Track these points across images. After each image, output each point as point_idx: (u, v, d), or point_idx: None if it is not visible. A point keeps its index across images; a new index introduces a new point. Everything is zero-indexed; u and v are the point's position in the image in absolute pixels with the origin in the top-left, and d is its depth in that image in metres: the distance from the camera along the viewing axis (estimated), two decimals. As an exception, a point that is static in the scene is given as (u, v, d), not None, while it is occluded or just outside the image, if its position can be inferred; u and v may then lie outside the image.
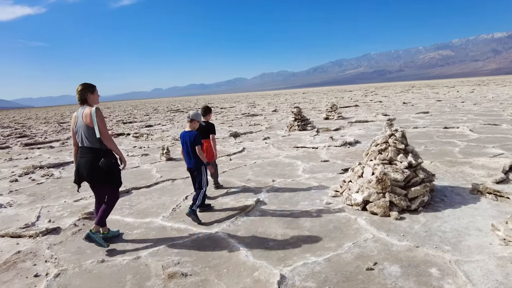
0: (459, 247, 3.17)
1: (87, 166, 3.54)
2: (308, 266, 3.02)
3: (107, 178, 3.61)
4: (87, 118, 3.53)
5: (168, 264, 3.25)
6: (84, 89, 3.64)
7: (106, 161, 3.50)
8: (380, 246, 3.30)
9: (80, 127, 3.58)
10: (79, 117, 3.60)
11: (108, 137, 3.58)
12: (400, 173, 4.18)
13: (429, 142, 8.58)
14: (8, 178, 7.44)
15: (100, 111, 3.63)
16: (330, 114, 16.25)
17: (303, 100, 39.30)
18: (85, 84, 3.68)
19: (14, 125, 29.06)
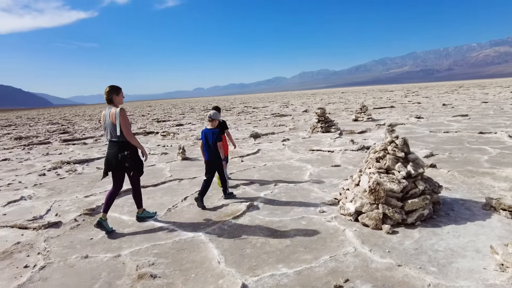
0: (446, 270, 2.88)
1: (114, 156, 4.12)
2: (275, 278, 2.91)
3: (130, 166, 4.17)
4: (112, 116, 4.10)
5: (143, 265, 3.31)
6: (110, 91, 4.17)
7: (129, 153, 4.11)
8: (358, 262, 3.10)
9: (108, 124, 4.16)
10: (107, 115, 4.17)
11: (129, 134, 4.14)
12: (396, 184, 3.89)
13: (457, 148, 7.92)
14: (38, 172, 8.07)
15: (124, 111, 4.15)
16: (360, 115, 15.64)
17: (338, 100, 38.29)
18: (112, 86, 4.22)
19: (62, 121, 31.51)
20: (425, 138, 9.60)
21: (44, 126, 26.15)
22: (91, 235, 4.15)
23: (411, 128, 11.86)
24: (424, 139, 9.44)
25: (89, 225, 4.49)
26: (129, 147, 4.16)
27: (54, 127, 24.19)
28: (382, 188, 3.83)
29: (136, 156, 4.24)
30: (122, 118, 4.06)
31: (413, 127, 12.17)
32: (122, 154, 4.10)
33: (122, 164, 4.13)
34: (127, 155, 4.11)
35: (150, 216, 4.59)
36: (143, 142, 12.69)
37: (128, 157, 4.12)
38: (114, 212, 4.91)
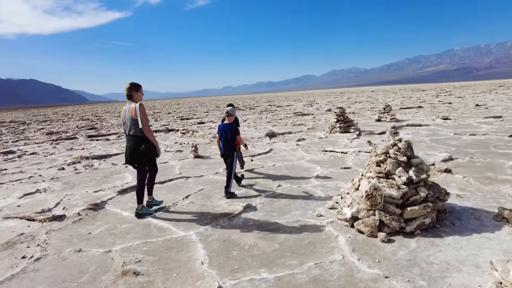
0: (436, 285, 2.68)
1: (131, 150, 4.42)
2: (254, 283, 2.84)
3: (145, 160, 4.45)
4: (132, 111, 4.36)
5: (130, 261, 3.36)
6: (130, 87, 4.44)
7: (145, 147, 4.35)
8: (344, 270, 2.96)
9: (127, 119, 4.43)
10: (127, 110, 4.45)
11: (147, 128, 4.38)
12: (395, 189, 3.68)
13: (480, 152, 7.41)
14: (58, 166, 8.47)
15: (143, 107, 4.39)
16: (383, 115, 15.09)
17: (366, 99, 37.18)
18: (132, 83, 4.48)
19: (92, 117, 32.99)
20: (447, 141, 9.07)
21: (75, 122, 27.52)
22: (90, 229, 4.28)
23: (435, 130, 11.26)
24: (447, 142, 8.92)
25: (91, 219, 4.64)
26: (146, 141, 4.41)
27: (84, 123, 25.37)
28: (380, 193, 3.63)
29: (151, 151, 4.43)
30: (141, 113, 4.33)
31: (438, 128, 11.55)
32: (136, 145, 4.37)
33: (136, 157, 4.41)
34: (150, 146, 4.40)
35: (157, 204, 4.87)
36: (162, 140, 12.99)
37: (143, 151, 4.36)
38: (116, 208, 5.04)
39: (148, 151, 4.38)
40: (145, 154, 4.37)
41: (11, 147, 13.13)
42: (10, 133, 19.93)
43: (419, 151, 7.96)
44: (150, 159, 4.52)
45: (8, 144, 14.15)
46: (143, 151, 4.34)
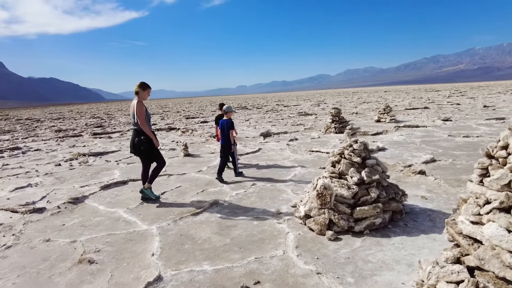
0: (362, 282, 2.79)
1: (131, 141, 4.99)
2: (192, 274, 3.03)
3: (143, 152, 4.94)
4: (133, 108, 4.90)
5: (90, 251, 3.60)
6: (139, 86, 4.95)
7: (138, 140, 4.86)
8: (280, 266, 3.10)
9: (131, 113, 4.97)
10: (131, 106, 4.98)
11: (142, 123, 4.83)
12: (346, 189, 3.79)
13: (467, 154, 7.36)
14: (55, 162, 8.88)
15: (140, 104, 4.87)
16: (382, 116, 14.99)
17: (376, 99, 36.73)
18: (141, 83, 4.99)
19: (103, 115, 33.89)
20: (438, 143, 9.00)
21: (86, 120, 28.35)
22: (64, 221, 4.56)
23: (431, 131, 11.15)
24: (437, 143, 8.87)
25: (68, 212, 4.92)
26: (142, 135, 4.88)
27: (94, 121, 26.13)
28: (329, 193, 3.75)
29: (147, 144, 4.90)
30: (138, 109, 4.82)
31: (435, 130, 11.43)
32: (138, 138, 4.87)
33: (137, 147, 4.90)
34: (143, 140, 4.87)
35: (154, 197, 5.21)
36: (162, 138, 13.33)
37: (144, 142, 4.86)
38: (95, 202, 5.32)
39: (140, 144, 4.87)
40: (138, 146, 4.90)
41: (20, 143, 13.75)
42: (23, 130, 20.77)
43: (406, 152, 7.97)
44: (146, 151, 4.97)
45: (17, 141, 14.81)
46: (136, 144, 4.89)
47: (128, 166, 8.12)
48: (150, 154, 5.06)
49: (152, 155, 5.08)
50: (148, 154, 5.05)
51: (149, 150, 4.98)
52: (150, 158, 5.16)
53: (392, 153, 8.06)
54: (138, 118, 4.81)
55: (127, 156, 9.55)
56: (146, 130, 4.89)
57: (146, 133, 4.89)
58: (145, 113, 4.91)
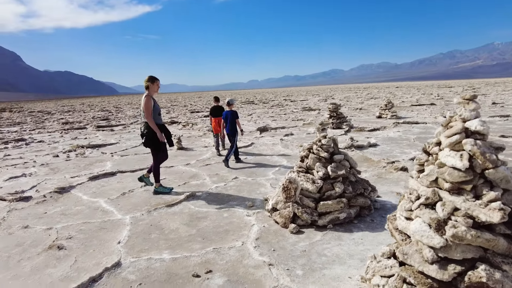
0: (310, 275, 2.84)
1: (140, 133, 5.26)
2: (151, 261, 3.15)
3: (150, 143, 5.10)
4: (141, 101, 5.13)
5: (62, 237, 3.77)
6: (147, 80, 5.09)
7: (146, 132, 5.05)
8: (236, 256, 3.19)
9: (140, 106, 5.13)
10: (141, 99, 5.21)
11: (148, 117, 4.98)
12: (311, 183, 3.84)
13: (456, 152, 7.26)
14: (54, 154, 9.16)
15: (147, 98, 4.99)
16: (384, 112, 14.83)
17: (385, 95, 36.17)
18: (149, 76, 5.13)
19: (112, 108, 34.46)
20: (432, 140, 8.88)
21: (95, 112, 28.91)
22: (47, 209, 4.75)
23: (430, 128, 11.00)
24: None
25: (53, 201, 5.12)
26: (148, 127, 5.03)
27: (102, 114, 26.63)
28: (294, 186, 3.81)
29: (152, 136, 5.04)
30: (144, 103, 4.99)
31: (433, 127, 11.27)
32: (142, 132, 5.10)
33: (144, 140, 5.11)
34: (146, 133, 5.03)
35: (165, 191, 5.27)
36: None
37: (148, 134, 5.01)
38: (80, 192, 5.51)
39: (148, 135, 5.04)
40: (143, 139, 5.11)
41: (26, 135, 14.18)
42: (33, 122, 21.35)
43: (397, 149, 7.92)
44: (148, 143, 5.11)
45: (25, 132, 15.27)
46: (144, 134, 5.10)
47: (121, 158, 8.32)
48: (152, 146, 5.15)
49: (155, 148, 5.16)
50: (148, 146, 5.16)
51: (151, 143, 5.09)
52: (153, 151, 5.24)
53: (383, 149, 8.02)
54: (144, 111, 5.00)
55: (123, 148, 9.77)
56: (151, 123, 5.02)
57: (151, 126, 5.02)
58: (152, 107, 5.02)
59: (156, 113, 5.10)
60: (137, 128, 15.28)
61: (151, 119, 5.01)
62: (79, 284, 2.78)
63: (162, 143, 5.15)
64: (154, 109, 5.06)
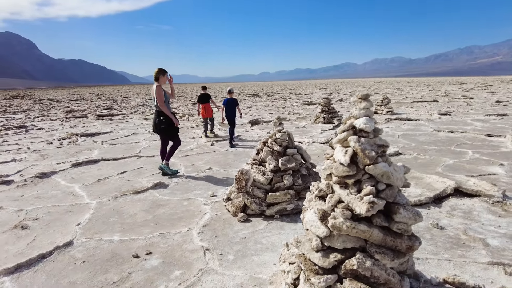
0: (239, 260, 3.03)
1: (153, 121, 5.75)
2: (100, 242, 3.40)
3: (163, 130, 5.65)
4: (153, 91, 5.59)
5: (29, 218, 4.06)
6: (158, 72, 5.61)
7: (160, 120, 5.59)
8: (179, 241, 3.42)
9: (152, 96, 5.66)
10: (151, 90, 5.72)
11: (162, 104, 5.51)
12: (261, 175, 4.02)
13: (437, 150, 7.31)
14: (49, 141, 9.53)
15: (159, 87, 5.57)
16: (379, 108, 14.78)
17: (392, 91, 35.73)
18: (160, 68, 5.65)
19: (119, 98, 35.02)
20: (418, 137, 8.92)
21: (101, 101, 29.47)
22: (24, 193, 5.06)
23: (420, 125, 10.99)
24: (416, 137, 8.79)
25: (32, 185, 5.43)
26: (163, 115, 5.58)
27: (107, 103, 27.15)
28: (245, 178, 4.00)
29: (167, 123, 5.60)
30: (157, 92, 5.50)
31: (424, 124, 11.24)
32: (158, 119, 5.58)
33: (158, 126, 5.62)
34: (163, 120, 5.58)
35: (168, 172, 5.73)
36: (157, 121, 13.82)
37: (164, 121, 5.57)
38: (60, 178, 5.81)
39: (161, 123, 5.58)
40: (158, 125, 5.61)
41: (29, 122, 14.68)
42: (39, 109, 21.96)
43: (377, 145, 7.98)
44: (166, 130, 5.64)
45: (29, 120, 15.79)
46: (157, 123, 5.63)
47: (110, 147, 8.63)
48: (169, 133, 5.71)
49: (171, 133, 5.74)
50: (167, 133, 5.70)
51: (168, 129, 5.66)
52: (169, 137, 5.80)
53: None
54: (157, 100, 5.48)
55: (115, 137, 10.09)
56: (165, 110, 5.55)
57: (166, 113, 5.56)
58: (163, 96, 5.54)
59: (166, 101, 5.63)
60: (135, 118, 15.62)
61: (165, 106, 5.56)
62: (28, 259, 3.05)
63: (176, 128, 5.75)
64: (165, 98, 5.60)
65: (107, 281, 2.76)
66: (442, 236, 3.39)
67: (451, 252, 3.08)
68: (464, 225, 3.62)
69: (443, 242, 3.28)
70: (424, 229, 3.56)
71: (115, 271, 2.91)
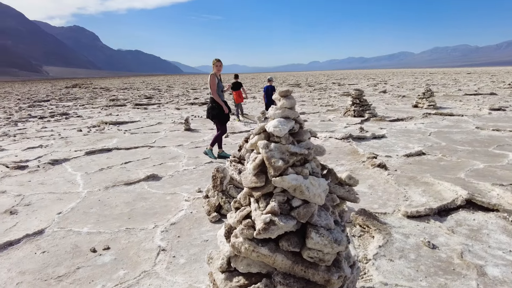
0: (190, 265, 2.86)
1: (207, 108, 6.28)
2: (69, 233, 3.45)
3: (215, 116, 6.11)
4: (207, 79, 6.06)
5: (23, 204, 4.26)
6: (214, 61, 6.06)
7: (212, 106, 6.07)
8: (140, 238, 3.33)
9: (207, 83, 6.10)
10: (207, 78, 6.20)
11: (214, 92, 5.96)
12: (238, 174, 3.78)
13: (468, 151, 6.41)
14: (79, 128, 10.14)
15: (212, 76, 5.97)
16: (421, 101, 13.50)
17: (446, 82, 32.66)
18: (216, 59, 6.10)
19: (164, 87, 36.46)
20: (453, 135, 7.94)
21: (146, 91, 30.92)
22: (32, 178, 5.37)
23: (461, 121, 9.80)
24: (451, 136, 7.83)
25: (43, 171, 5.76)
26: (215, 102, 6.01)
27: (150, 92, 28.38)
28: (220, 175, 3.79)
29: (217, 110, 6.03)
30: (210, 81, 5.97)
31: (468, 120, 10.00)
32: (211, 105, 6.04)
33: (209, 113, 6.12)
34: (215, 106, 6.01)
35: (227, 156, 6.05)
36: (187, 112, 14.09)
37: (215, 108, 6.01)
38: (70, 165, 6.10)
39: (212, 110, 6.04)
40: (210, 112, 6.08)
41: (73, 110, 15.83)
42: (88, 98, 23.65)
43: (401, 143, 7.27)
44: (216, 117, 6.07)
45: (74, 108, 17.05)
46: (209, 110, 6.10)
47: (130, 136, 8.92)
48: (219, 119, 6.09)
49: (220, 120, 6.11)
50: (217, 119, 6.09)
51: (218, 115, 6.06)
52: (217, 123, 6.22)
53: (386, 142, 7.41)
54: (211, 88, 5.91)
55: (140, 126, 10.44)
56: (216, 98, 5.98)
57: (217, 101, 5.97)
58: (216, 84, 5.95)
59: (219, 90, 6.01)
60: (168, 108, 16.08)
61: (216, 94, 5.93)
62: (-6, 245, 3.18)
63: (225, 117, 6.09)
64: (218, 86, 5.96)
65: (54, 274, 2.77)
66: (430, 258, 2.89)
67: (431, 279, 2.60)
68: (464, 246, 3.06)
69: (427, 265, 2.79)
70: (411, 246, 3.08)
71: (67, 264, 2.91)
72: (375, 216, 3.55)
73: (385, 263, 2.81)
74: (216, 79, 5.95)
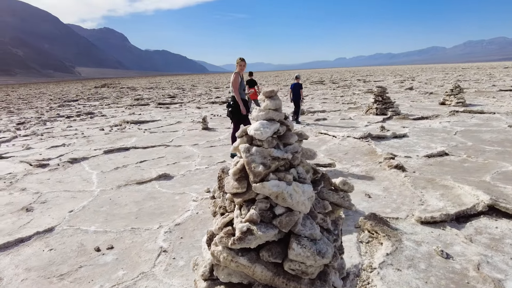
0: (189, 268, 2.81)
1: (227, 105, 6.26)
2: (77, 231, 3.52)
3: (234, 115, 6.07)
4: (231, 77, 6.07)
5: (38, 201, 4.42)
6: (238, 61, 6.01)
7: (233, 104, 6.05)
8: (144, 239, 3.34)
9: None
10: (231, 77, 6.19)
11: (235, 91, 5.97)
12: (243, 176, 3.70)
13: (497, 152, 5.99)
14: (102, 127, 10.47)
15: (235, 75, 5.99)
16: (448, 98, 12.83)
17: (481, 78, 30.90)
18: (240, 58, 6.03)
19: (188, 86, 37.04)
20: (482, 134, 7.45)
21: (170, 90, 31.54)
22: (52, 176, 5.57)
23: (491, 119, 9.19)
24: (479, 135, 7.35)
25: (62, 170, 5.96)
26: (234, 101, 6.02)
27: (174, 91, 28.92)
28: (226, 176, 3.72)
29: (236, 108, 6.01)
30: (232, 79, 5.98)
31: (499, 118, 9.36)
32: (230, 103, 6.09)
33: (229, 111, 6.11)
34: (232, 105, 6.03)
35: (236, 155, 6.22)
36: (206, 111, 14.20)
37: (233, 106, 6.02)
38: (87, 164, 6.28)
39: (229, 107, 6.07)
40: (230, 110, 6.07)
41: (98, 109, 16.41)
42: (114, 97, 24.45)
43: (423, 143, 6.92)
44: (235, 115, 6.03)
45: (100, 107, 17.66)
46: (229, 107, 6.10)
47: (149, 135, 9.10)
48: (237, 118, 6.06)
49: (238, 118, 6.05)
50: (236, 117, 6.06)
51: (237, 114, 6.02)
52: (239, 121, 6.10)
53: (408, 141, 7.07)
54: (232, 86, 5.96)
55: (160, 125, 10.62)
56: (237, 96, 5.98)
57: (236, 99, 5.99)
58: (238, 83, 5.95)
59: (241, 88, 6.03)
60: (189, 107, 16.29)
61: (237, 93, 5.94)
62: (6, 242, 3.31)
63: (245, 115, 6.05)
64: (240, 85, 5.98)
65: (57, 272, 2.83)
66: (442, 269, 2.69)
67: (441, 292, 2.42)
68: (482, 257, 2.82)
69: (438, 277, 2.59)
70: (422, 255, 2.88)
71: (71, 262, 2.97)
72: (386, 221, 3.36)
73: (391, 273, 2.64)
74: (239, 78, 5.99)
